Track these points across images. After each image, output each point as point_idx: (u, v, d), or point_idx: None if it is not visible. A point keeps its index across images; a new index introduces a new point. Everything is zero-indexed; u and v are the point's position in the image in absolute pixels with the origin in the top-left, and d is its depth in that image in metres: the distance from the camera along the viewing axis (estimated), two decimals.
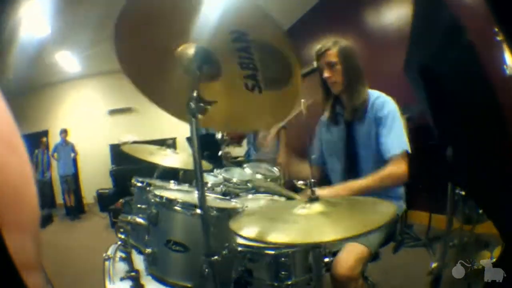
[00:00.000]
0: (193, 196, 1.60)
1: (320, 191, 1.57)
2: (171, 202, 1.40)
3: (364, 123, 1.85)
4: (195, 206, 1.37)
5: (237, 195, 2.24)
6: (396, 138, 1.71)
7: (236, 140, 3.33)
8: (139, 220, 1.55)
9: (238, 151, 3.90)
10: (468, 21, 1.42)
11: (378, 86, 1.93)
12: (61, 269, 2.54)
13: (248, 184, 2.53)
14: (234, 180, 2.44)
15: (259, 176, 2.63)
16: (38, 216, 0.57)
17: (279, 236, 0.99)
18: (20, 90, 3.86)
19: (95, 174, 4.90)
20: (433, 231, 2.35)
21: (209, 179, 2.47)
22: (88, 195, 4.65)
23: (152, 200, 1.44)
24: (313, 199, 1.19)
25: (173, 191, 1.70)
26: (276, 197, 2.15)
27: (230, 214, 1.41)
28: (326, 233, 0.96)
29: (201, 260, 1.19)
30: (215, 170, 2.57)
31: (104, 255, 1.87)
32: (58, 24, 4.49)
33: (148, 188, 1.82)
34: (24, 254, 0.47)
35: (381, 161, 1.76)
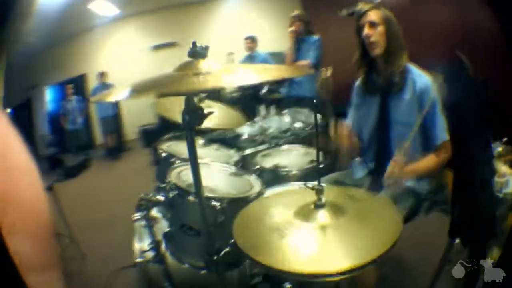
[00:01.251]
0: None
1: (387, 174, 1.53)
2: (185, 192, 1.48)
3: (403, 97, 1.74)
4: (208, 198, 1.42)
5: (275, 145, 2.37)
6: (442, 126, 1.70)
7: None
8: (160, 198, 1.63)
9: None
10: None
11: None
12: (93, 215, 2.69)
13: (287, 134, 2.52)
14: (271, 130, 2.48)
15: (298, 124, 2.59)
16: (41, 220, 0.55)
17: (272, 260, 0.97)
18: (56, 42, 3.84)
19: (139, 111, 5.00)
20: None
21: (245, 129, 2.50)
22: (132, 133, 4.82)
23: (169, 187, 1.52)
24: (320, 205, 1.17)
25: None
26: (311, 150, 2.19)
27: (242, 202, 1.45)
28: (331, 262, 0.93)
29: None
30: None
31: (133, 216, 1.97)
32: None
33: (170, 160, 1.89)
34: (24, 256, 0.50)
35: (419, 140, 1.73)
